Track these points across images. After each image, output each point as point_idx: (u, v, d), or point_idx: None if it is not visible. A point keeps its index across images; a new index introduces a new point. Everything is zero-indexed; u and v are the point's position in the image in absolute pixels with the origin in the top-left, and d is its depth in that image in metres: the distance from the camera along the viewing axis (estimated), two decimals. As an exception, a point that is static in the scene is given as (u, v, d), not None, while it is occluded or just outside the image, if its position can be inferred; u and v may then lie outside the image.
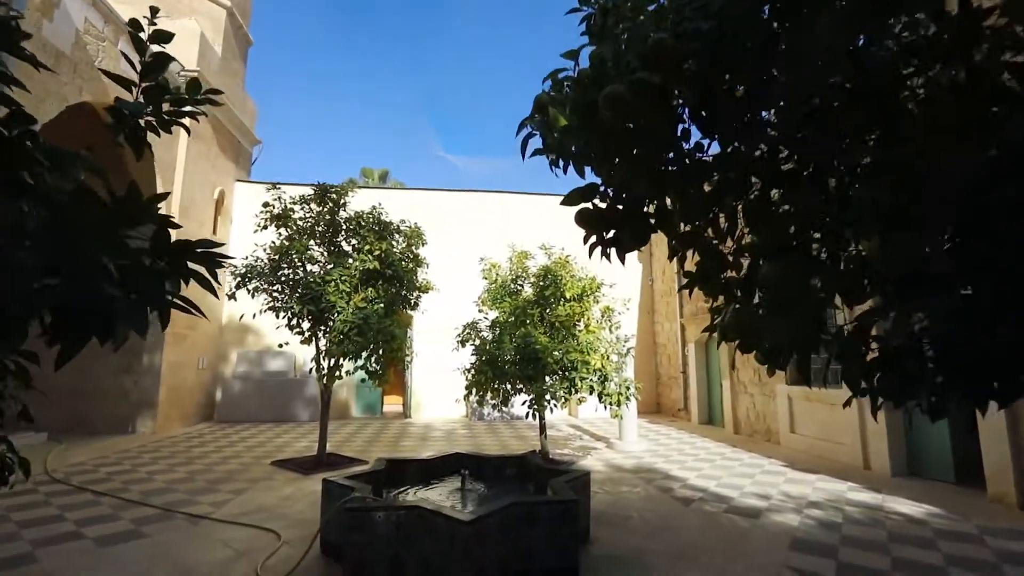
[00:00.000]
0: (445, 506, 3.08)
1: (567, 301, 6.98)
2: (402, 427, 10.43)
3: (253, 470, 6.29)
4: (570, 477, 3.79)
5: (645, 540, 3.89)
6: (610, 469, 6.44)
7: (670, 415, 12.26)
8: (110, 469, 6.21)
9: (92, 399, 8.99)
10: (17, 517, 4.38)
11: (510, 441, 8.67)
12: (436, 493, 3.99)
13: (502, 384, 6.76)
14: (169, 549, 3.71)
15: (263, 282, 6.18)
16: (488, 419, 11.62)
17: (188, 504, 4.79)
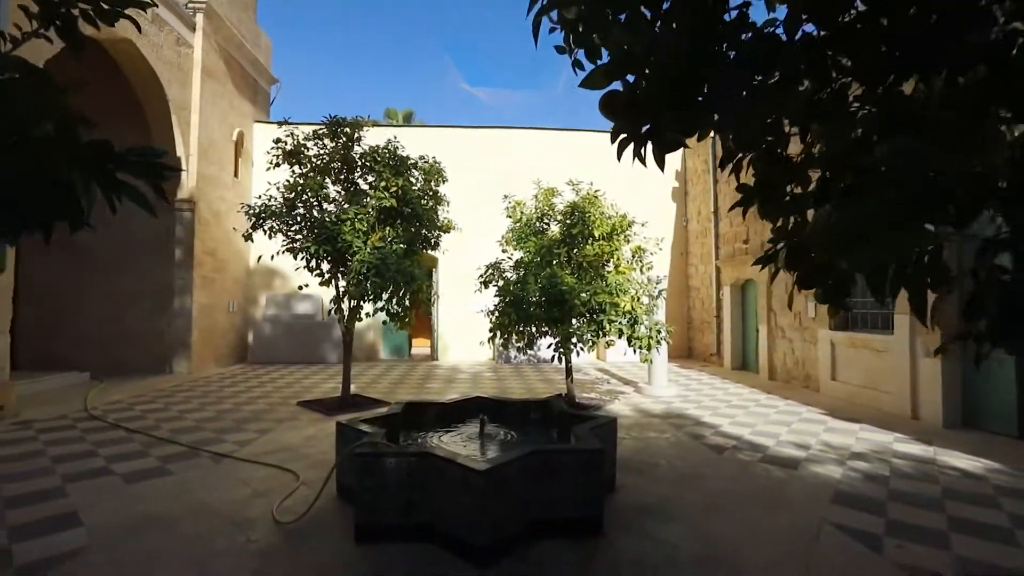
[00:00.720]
0: (459, 454, 2.89)
1: (595, 240, 6.57)
2: (428, 369, 10.48)
3: (279, 410, 6.36)
4: (595, 424, 3.56)
5: (674, 489, 3.68)
6: (638, 414, 6.25)
7: (702, 360, 11.96)
8: (145, 407, 6.38)
9: (130, 342, 9.26)
10: (53, 452, 4.50)
11: (536, 384, 8.58)
12: (454, 438, 3.85)
13: (527, 327, 6.53)
14: (191, 487, 3.71)
15: (278, 222, 5.97)
16: (515, 362, 11.57)
17: (214, 443, 4.85)
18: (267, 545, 2.85)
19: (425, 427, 4.16)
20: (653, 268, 7.14)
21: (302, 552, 2.79)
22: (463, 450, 3.54)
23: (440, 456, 2.82)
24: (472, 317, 11.66)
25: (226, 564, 2.66)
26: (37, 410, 6.08)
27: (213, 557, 2.72)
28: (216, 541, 2.89)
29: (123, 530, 3.03)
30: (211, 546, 2.84)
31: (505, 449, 3.62)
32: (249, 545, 2.85)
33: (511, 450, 3.28)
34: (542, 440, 3.91)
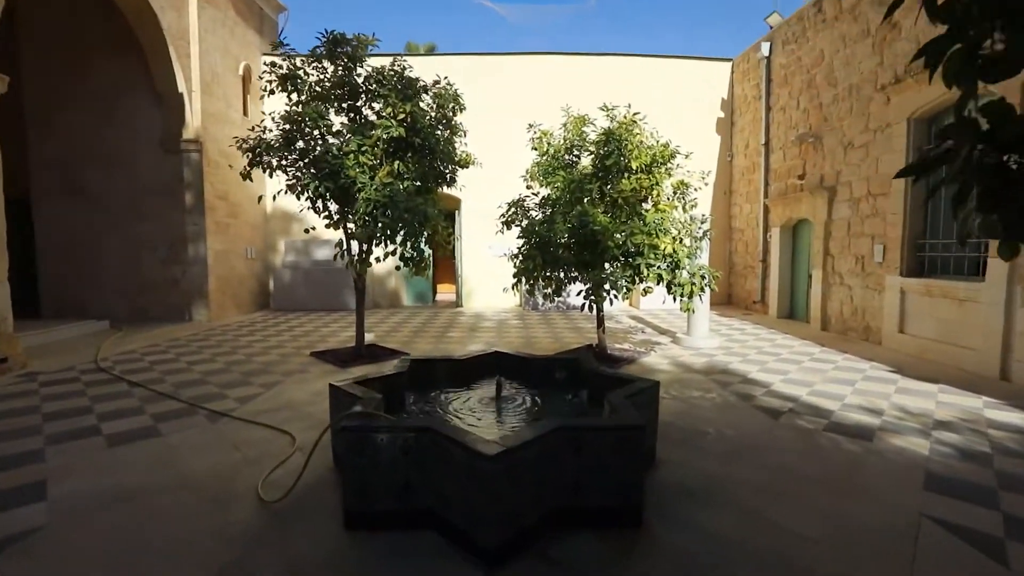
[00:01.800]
0: (466, 430, 2.35)
1: (633, 173, 5.74)
2: (452, 317, 10.05)
3: (291, 361, 6.02)
4: (633, 389, 2.95)
5: (726, 466, 3.10)
6: (677, 368, 5.64)
7: (743, 308, 11.14)
8: (155, 358, 6.14)
9: (149, 290, 9.08)
10: (47, 408, 4.24)
11: (565, 333, 8.02)
12: (467, 403, 3.33)
13: (554, 272, 5.89)
14: (178, 452, 3.35)
15: (275, 156, 5.35)
16: (542, 309, 11.02)
17: (216, 398, 4.51)
18: (246, 529, 2.43)
19: (435, 387, 3.66)
20: (697, 206, 6.29)
21: (282, 538, 2.36)
22: (475, 419, 3.02)
23: (442, 433, 2.28)
24: (497, 262, 11.07)
25: (193, 555, 2.24)
26: (47, 361, 5.91)
27: (180, 546, 2.31)
28: (189, 523, 2.49)
29: (89, 506, 2.66)
30: (182, 530, 2.44)
31: (525, 418, 3.07)
32: (226, 529, 2.43)
33: (531, 424, 2.73)
34: (569, 406, 3.36)
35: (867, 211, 7.17)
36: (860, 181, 7.31)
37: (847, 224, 7.63)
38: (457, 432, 2.30)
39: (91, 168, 8.95)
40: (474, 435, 2.29)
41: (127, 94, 8.85)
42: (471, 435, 2.28)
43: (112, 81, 8.83)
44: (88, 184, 8.98)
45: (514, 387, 3.66)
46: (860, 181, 7.31)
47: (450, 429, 2.32)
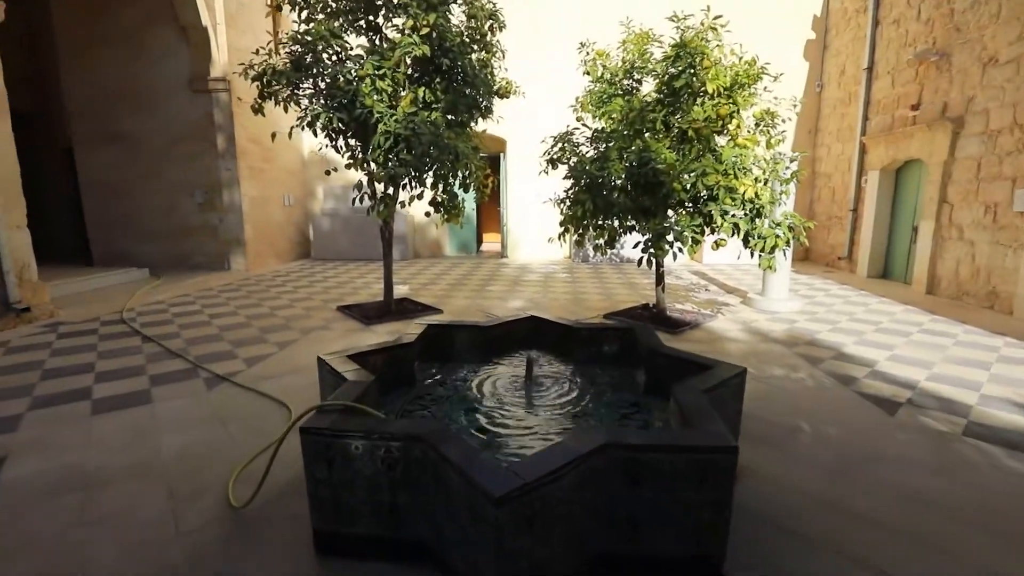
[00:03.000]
0: (467, 444, 1.64)
1: (709, 98, 4.65)
2: (495, 268, 9.38)
3: (315, 316, 5.57)
4: (712, 380, 2.15)
5: (831, 485, 2.29)
6: (752, 336, 4.72)
7: (824, 265, 9.78)
8: (180, 309, 5.86)
9: (188, 237, 8.92)
10: (50, 364, 3.97)
11: (617, 290, 7.17)
12: (489, 383, 2.64)
13: (607, 220, 5.00)
14: (159, 425, 2.91)
15: (284, 83, 4.65)
16: (593, 262, 10.14)
17: (224, 358, 4.09)
18: (194, 546, 1.90)
19: (455, 360, 3.00)
20: (784, 140, 5.12)
21: (239, 560, 1.81)
22: (496, 412, 2.33)
23: (435, 446, 1.60)
24: (545, 209, 10.18)
25: (121, 580, 1.74)
26: (77, 310, 5.75)
27: (109, 563, 1.81)
28: (130, 531, 1.99)
29: (35, 493, 2.24)
30: (118, 540, 1.94)
31: (560, 412, 2.36)
32: (170, 545, 1.91)
33: (567, 433, 2.01)
34: (617, 388, 2.60)
35: (1009, 147, 5.69)
36: (1002, 109, 5.78)
37: (976, 164, 6.16)
38: (456, 446, 1.60)
39: (126, 113, 8.66)
40: (478, 454, 1.59)
41: (155, 31, 8.36)
42: (474, 454, 1.58)
43: (140, 17, 8.34)
44: (124, 129, 8.72)
45: (550, 364, 2.94)
46: (1002, 109, 5.78)
47: (448, 440, 1.63)
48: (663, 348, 2.62)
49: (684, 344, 4.45)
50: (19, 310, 5.04)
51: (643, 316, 5.39)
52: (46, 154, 10.32)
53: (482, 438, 2.12)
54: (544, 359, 2.96)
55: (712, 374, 2.19)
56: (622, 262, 10.10)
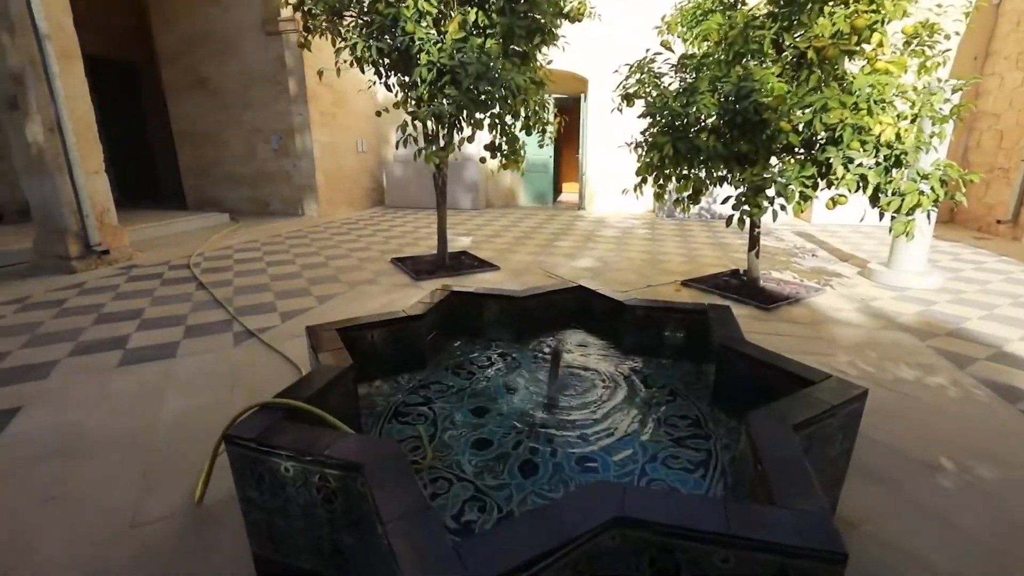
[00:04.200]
0: (413, 486, 1.15)
1: (841, 4, 3.53)
2: (569, 222, 8.67)
3: (367, 268, 5.34)
4: (813, 410, 1.45)
5: (993, 569, 1.54)
6: (871, 320, 3.75)
7: (975, 229, 7.95)
8: (243, 256, 5.91)
9: (266, 183, 9.12)
10: (108, 308, 4.06)
11: (703, 251, 6.24)
12: (506, 373, 2.13)
13: (693, 168, 4.14)
14: (172, 384, 2.77)
15: (323, 9, 4.19)
16: (679, 218, 9.08)
17: (262, 311, 3.95)
18: (142, 544, 1.64)
19: (477, 335, 2.51)
20: (945, 64, 3.85)
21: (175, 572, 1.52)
22: (508, 420, 1.82)
23: (370, 486, 1.12)
24: (628, 158, 9.17)
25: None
26: (154, 254, 5.99)
27: (47, 554, 1.60)
28: (89, 516, 1.78)
29: (23, 457, 2.13)
30: (71, 525, 1.73)
31: (579, 439, 1.79)
32: (120, 541, 1.67)
33: (567, 494, 1.46)
34: (677, 402, 1.97)
35: None
36: None
37: None
38: (394, 493, 1.11)
39: (206, 58, 8.78)
40: (423, 510, 1.09)
41: (231, -31, 8.25)
42: (416, 508, 1.08)
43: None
44: (206, 75, 8.89)
45: (592, 352, 2.35)
46: None
47: (387, 482, 1.15)
48: (743, 344, 1.92)
49: (778, 325, 3.62)
50: (99, 252, 5.28)
51: (729, 285, 4.54)
52: (152, 103, 10.93)
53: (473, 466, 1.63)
54: (587, 343, 2.37)
55: (813, 396, 1.49)
56: (713, 218, 8.94)
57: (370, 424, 1.88)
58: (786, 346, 3.20)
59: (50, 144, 4.92)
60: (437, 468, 1.63)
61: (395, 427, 1.87)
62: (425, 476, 1.60)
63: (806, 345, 3.25)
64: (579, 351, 2.41)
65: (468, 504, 1.48)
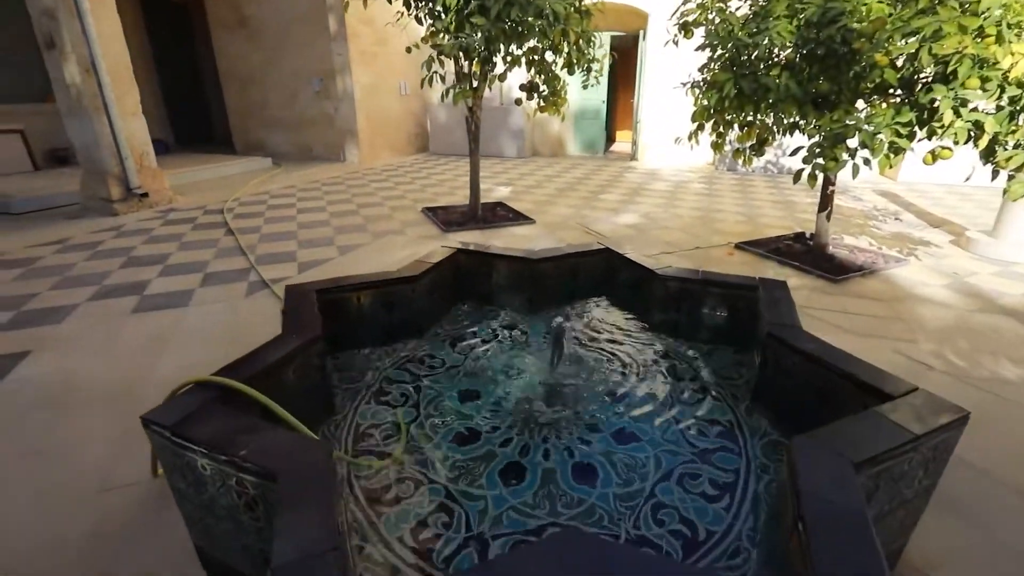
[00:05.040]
0: (328, 491, 0.91)
1: None
2: (618, 173, 8.07)
3: (397, 217, 5.12)
4: (887, 444, 1.07)
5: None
6: (965, 300, 3.16)
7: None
8: (278, 202, 5.83)
9: (308, 127, 8.99)
10: (139, 252, 4.08)
11: (764, 209, 5.59)
12: (505, 352, 1.84)
13: (758, 113, 3.56)
14: (175, 335, 2.69)
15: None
16: (741, 172, 8.24)
17: (283, 260, 3.84)
18: (105, 514, 1.54)
19: (488, 302, 2.22)
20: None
21: (123, 558, 1.40)
22: (494, 411, 1.55)
23: (280, 500, 0.89)
24: (685, 104, 8.32)
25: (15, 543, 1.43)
26: (194, 197, 6.02)
27: (11, 517, 1.53)
28: (60, 475, 1.70)
29: (18, 404, 2.10)
30: (41, 486, 1.66)
31: (572, 447, 1.49)
32: (84, 507, 1.57)
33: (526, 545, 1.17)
34: (706, 400, 1.63)
35: None
36: None
37: None
38: (309, 519, 0.87)
39: (249, -6, 8.54)
40: (314, 548, 0.84)
41: None
42: (309, 547, 0.83)
43: None
44: (248, 13, 8.66)
45: (613, 329, 2.01)
46: None
47: (310, 502, 0.90)
48: (798, 336, 1.53)
49: (846, 300, 3.10)
50: (139, 195, 5.33)
51: (792, 250, 3.99)
52: (203, 43, 10.91)
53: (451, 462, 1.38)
54: (608, 318, 2.03)
55: (889, 418, 1.10)
56: (780, 173, 8.05)
57: (346, 403, 1.67)
58: (854, 326, 2.72)
59: (87, 85, 4.88)
60: (409, 465, 1.40)
61: (372, 408, 1.64)
62: (391, 473, 1.37)
63: (879, 327, 2.75)
64: (597, 328, 2.09)
65: (432, 516, 1.24)
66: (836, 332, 2.62)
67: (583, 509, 1.25)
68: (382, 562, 1.14)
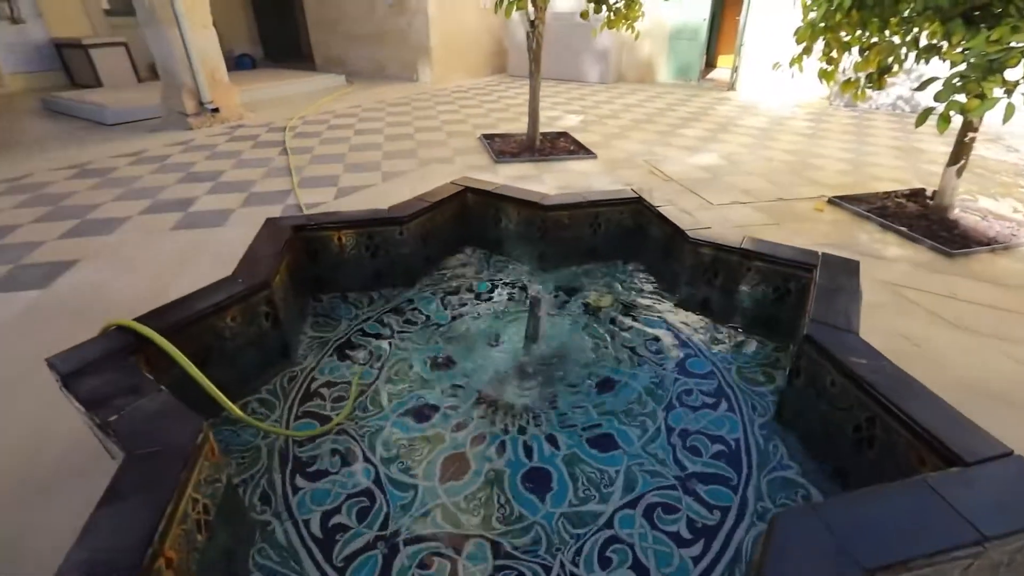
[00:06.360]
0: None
1: None
2: (709, 105, 7.12)
3: (451, 144, 4.86)
4: (963, 537, 0.74)
5: None
6: None
7: None
8: (339, 122, 5.76)
9: (382, 43, 8.71)
10: (197, 167, 4.20)
11: (878, 159, 4.66)
12: (492, 315, 1.60)
13: (883, 32, 2.80)
14: (202, 254, 2.72)
15: None
16: (863, 108, 6.95)
17: (323, 184, 3.79)
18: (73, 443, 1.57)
19: (496, 250, 1.97)
20: None
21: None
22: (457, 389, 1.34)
23: (118, 489, 0.76)
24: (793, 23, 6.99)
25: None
26: (264, 114, 6.10)
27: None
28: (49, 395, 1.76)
29: (49, 313, 2.22)
30: (33, 403, 1.72)
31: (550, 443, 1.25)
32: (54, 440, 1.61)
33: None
34: (709, 418, 1.32)
35: None
36: None
37: None
38: (130, 517, 0.73)
39: None
40: None
41: None
42: None
43: None
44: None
45: (619, 300, 1.69)
46: None
47: (141, 491, 0.76)
48: (846, 346, 1.13)
49: (960, 283, 2.48)
50: (211, 110, 5.45)
51: (902, 211, 3.27)
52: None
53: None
54: (623, 284, 1.71)
55: (942, 499, 0.75)
56: (914, 112, 6.67)
57: (308, 354, 1.54)
58: (961, 319, 2.16)
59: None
60: (347, 434, 1.25)
61: (334, 363, 1.50)
62: (327, 443, 1.23)
63: (997, 324, 2.16)
64: (608, 295, 1.77)
65: (351, 502, 1.09)
66: (932, 324, 2.09)
67: (520, 527, 1.04)
68: (282, 545, 1.02)
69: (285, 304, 1.47)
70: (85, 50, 7.57)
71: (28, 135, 5.32)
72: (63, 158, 4.42)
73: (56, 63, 8.21)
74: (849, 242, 2.88)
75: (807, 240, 2.84)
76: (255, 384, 1.40)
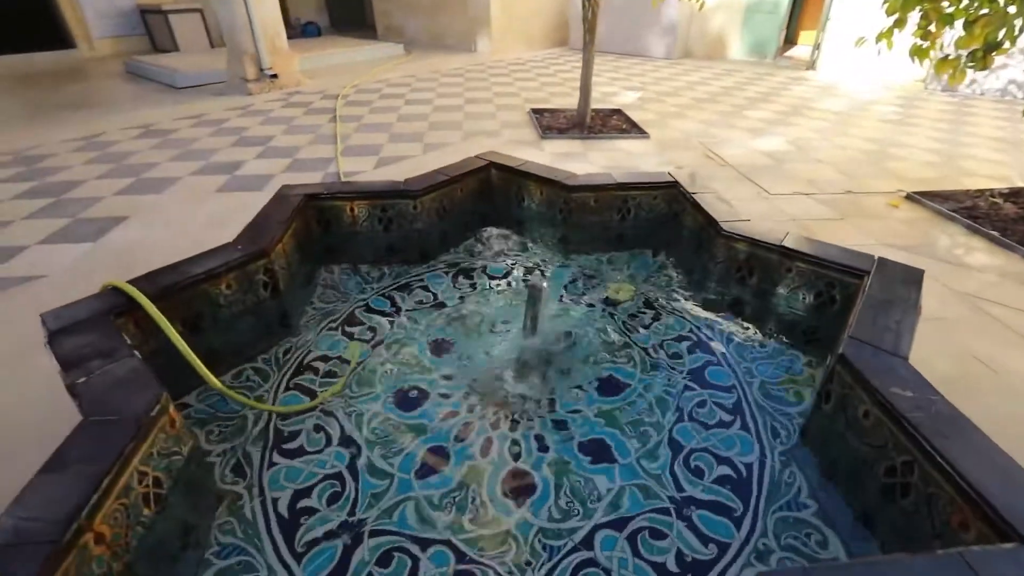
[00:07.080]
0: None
1: None
2: (783, 85, 6.56)
3: (499, 117, 4.74)
4: None
5: None
6: None
7: None
8: (392, 91, 5.75)
9: (442, 13, 8.59)
10: (250, 132, 4.31)
11: (972, 149, 4.12)
12: (502, 300, 1.51)
13: (992, 3, 2.42)
14: (242, 217, 2.75)
15: None
16: (965, 93, 6.19)
17: (365, 153, 3.79)
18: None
19: (517, 229, 1.87)
20: None
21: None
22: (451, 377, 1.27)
23: (66, 456, 0.74)
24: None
25: None
26: (321, 81, 6.18)
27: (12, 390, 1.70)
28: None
29: (92, 265, 2.33)
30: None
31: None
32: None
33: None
34: (720, 437, 1.18)
35: None
36: None
37: None
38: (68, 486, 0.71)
39: None
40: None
41: None
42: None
43: None
44: None
45: (642, 296, 1.55)
46: None
47: (84, 460, 0.74)
48: (887, 373, 0.96)
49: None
50: (270, 76, 5.58)
51: (995, 212, 2.87)
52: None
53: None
54: (651, 278, 1.57)
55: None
56: (1016, 98, 5.86)
57: (310, 325, 1.51)
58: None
59: (223, -41, 5.00)
60: (332, 414, 1.21)
61: (334, 337, 1.47)
62: (312, 418, 1.20)
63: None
64: (630, 288, 1.62)
65: (323, 484, 1.05)
66: (1018, 346, 1.81)
67: (493, 533, 0.97)
68: (248, 521, 1.00)
69: (288, 273, 1.44)
70: (165, 16, 7.92)
71: (108, 96, 5.65)
72: (134, 118, 4.65)
73: (141, 28, 8.66)
74: (924, 245, 2.55)
75: (873, 240, 2.54)
76: (251, 352, 1.39)
